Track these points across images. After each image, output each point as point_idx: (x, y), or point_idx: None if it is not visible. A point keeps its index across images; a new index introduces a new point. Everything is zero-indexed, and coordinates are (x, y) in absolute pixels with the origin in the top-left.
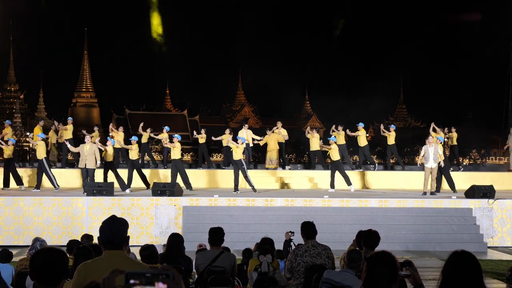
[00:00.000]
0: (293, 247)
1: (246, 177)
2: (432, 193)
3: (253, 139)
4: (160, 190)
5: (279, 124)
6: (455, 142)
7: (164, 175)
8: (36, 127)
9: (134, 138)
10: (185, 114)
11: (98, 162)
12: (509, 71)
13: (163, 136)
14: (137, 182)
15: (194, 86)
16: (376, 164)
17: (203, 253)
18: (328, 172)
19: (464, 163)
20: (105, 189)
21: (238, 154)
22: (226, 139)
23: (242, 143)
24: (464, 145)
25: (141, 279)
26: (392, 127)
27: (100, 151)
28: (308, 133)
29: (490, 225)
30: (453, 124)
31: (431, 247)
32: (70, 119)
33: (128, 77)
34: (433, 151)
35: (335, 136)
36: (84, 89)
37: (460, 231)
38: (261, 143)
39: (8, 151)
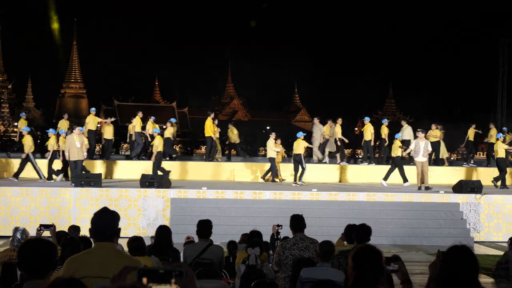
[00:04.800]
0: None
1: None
2: (426, 188)
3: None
4: (148, 182)
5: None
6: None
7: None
8: (20, 121)
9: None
10: (174, 106)
11: (85, 153)
12: (499, 67)
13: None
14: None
15: (183, 78)
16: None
17: (191, 245)
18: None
19: (452, 158)
20: (92, 180)
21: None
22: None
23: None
24: (453, 140)
25: (154, 276)
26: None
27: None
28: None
29: (477, 220)
30: (441, 119)
31: (419, 242)
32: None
33: (117, 69)
34: (423, 146)
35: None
36: (72, 80)
37: (447, 226)
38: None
39: None
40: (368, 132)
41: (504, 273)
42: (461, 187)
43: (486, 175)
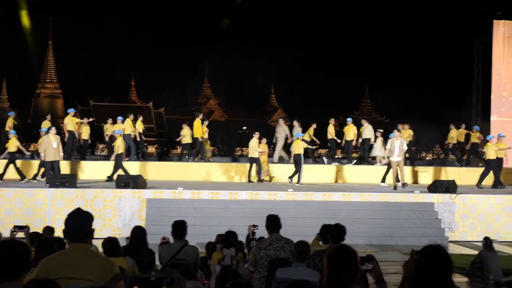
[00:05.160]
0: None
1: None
2: (403, 184)
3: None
4: (124, 182)
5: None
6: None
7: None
8: (9, 120)
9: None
10: (150, 106)
11: (61, 154)
12: (474, 68)
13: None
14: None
15: (160, 78)
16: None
17: (166, 246)
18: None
19: (427, 158)
20: (68, 181)
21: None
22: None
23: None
24: (428, 140)
25: (145, 284)
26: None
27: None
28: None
29: (452, 219)
30: (416, 119)
31: (394, 241)
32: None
33: (93, 69)
34: (398, 145)
35: None
36: (48, 80)
37: (422, 225)
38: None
39: None
40: (351, 132)
41: (478, 272)
42: (436, 187)
43: (460, 175)
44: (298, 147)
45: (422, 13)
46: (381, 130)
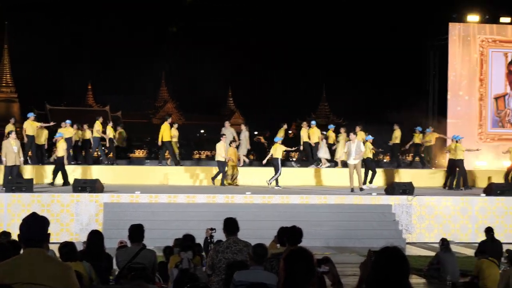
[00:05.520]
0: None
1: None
2: (361, 189)
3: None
4: (81, 186)
5: None
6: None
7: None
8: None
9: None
10: (107, 110)
11: (22, 158)
12: (430, 70)
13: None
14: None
15: (117, 82)
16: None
17: (123, 250)
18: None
19: (385, 160)
20: (24, 186)
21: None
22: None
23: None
24: (382, 142)
25: None
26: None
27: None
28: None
29: (409, 221)
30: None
31: (351, 243)
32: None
33: (49, 73)
34: (355, 148)
35: None
36: (4, 84)
37: (380, 227)
38: None
39: None
40: (315, 135)
41: (436, 273)
42: (393, 188)
43: (417, 176)
44: (276, 151)
45: (378, 15)
46: (324, 133)
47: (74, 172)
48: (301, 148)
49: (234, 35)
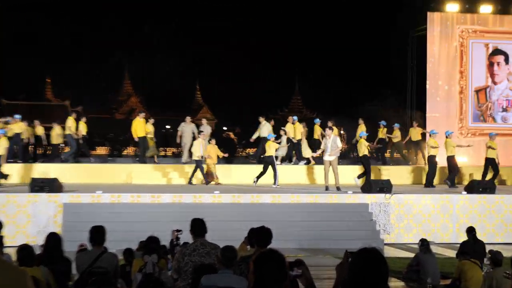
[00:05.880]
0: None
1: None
2: (337, 188)
3: None
4: (39, 186)
5: None
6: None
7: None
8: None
9: None
10: (67, 105)
11: None
12: (408, 62)
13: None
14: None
15: (77, 75)
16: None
17: (83, 254)
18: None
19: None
20: None
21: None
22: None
23: None
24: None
25: None
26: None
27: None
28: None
29: (387, 221)
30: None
31: (326, 245)
32: None
33: (5, 66)
34: (330, 144)
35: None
36: None
37: (356, 228)
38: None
39: None
40: (298, 131)
41: (415, 276)
42: (370, 186)
43: (395, 174)
44: (270, 149)
45: (352, 6)
46: (284, 128)
47: (36, 170)
48: (291, 142)
49: (201, 27)
